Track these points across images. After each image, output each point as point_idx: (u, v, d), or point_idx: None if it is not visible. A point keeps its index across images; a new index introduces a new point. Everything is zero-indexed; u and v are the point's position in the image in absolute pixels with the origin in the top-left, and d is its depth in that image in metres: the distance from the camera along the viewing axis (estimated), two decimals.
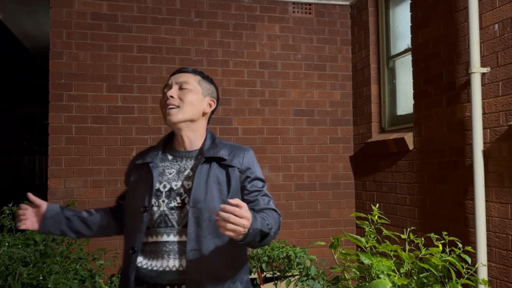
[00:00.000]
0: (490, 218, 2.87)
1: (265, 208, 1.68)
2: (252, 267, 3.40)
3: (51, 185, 3.91)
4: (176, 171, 1.73)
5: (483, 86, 2.93)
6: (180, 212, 1.67)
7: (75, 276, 3.04)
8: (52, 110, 3.94)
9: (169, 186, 1.70)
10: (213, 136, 1.83)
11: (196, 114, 1.76)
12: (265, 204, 1.70)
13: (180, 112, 1.72)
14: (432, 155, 3.43)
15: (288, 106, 4.49)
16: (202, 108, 1.79)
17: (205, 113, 1.81)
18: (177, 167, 1.74)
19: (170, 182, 1.71)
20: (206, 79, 1.85)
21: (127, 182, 1.84)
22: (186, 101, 1.73)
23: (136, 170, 1.80)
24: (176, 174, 1.73)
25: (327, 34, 4.64)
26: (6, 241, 3.13)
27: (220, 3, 4.37)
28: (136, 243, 1.66)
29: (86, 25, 4.04)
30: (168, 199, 1.69)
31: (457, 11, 3.18)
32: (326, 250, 4.27)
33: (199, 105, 1.77)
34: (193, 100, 1.75)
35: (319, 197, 4.53)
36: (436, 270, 1.91)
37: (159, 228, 1.66)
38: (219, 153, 1.73)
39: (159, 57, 4.18)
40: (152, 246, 1.66)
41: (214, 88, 1.88)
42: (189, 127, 1.76)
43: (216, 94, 1.89)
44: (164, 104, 1.74)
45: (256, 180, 1.75)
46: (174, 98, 1.73)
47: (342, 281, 2.05)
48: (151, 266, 1.65)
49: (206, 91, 1.82)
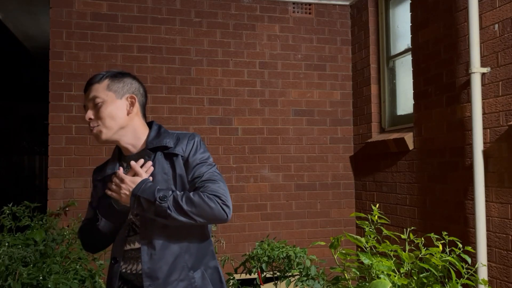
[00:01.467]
0: (490, 218, 2.87)
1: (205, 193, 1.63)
2: (252, 267, 3.40)
3: (51, 185, 3.91)
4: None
5: (483, 86, 2.93)
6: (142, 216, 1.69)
7: (75, 276, 3.04)
8: (52, 110, 3.94)
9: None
10: (159, 128, 1.80)
11: (121, 122, 1.70)
12: (206, 189, 1.63)
13: (104, 129, 1.67)
14: (432, 155, 3.43)
15: (288, 106, 4.49)
16: (124, 112, 1.71)
17: (130, 113, 1.73)
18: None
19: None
20: (115, 78, 1.73)
21: (96, 199, 1.79)
22: (104, 116, 1.67)
23: (100, 186, 1.77)
24: None
25: (327, 34, 4.64)
26: (6, 241, 3.13)
27: (220, 3, 4.37)
28: (116, 253, 1.72)
29: (86, 25, 4.03)
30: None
31: (457, 11, 3.18)
32: (326, 250, 4.27)
33: (119, 112, 1.70)
34: (111, 112, 1.68)
35: (319, 197, 4.53)
36: (436, 270, 1.91)
37: (129, 237, 1.71)
38: (163, 141, 1.71)
39: (159, 57, 4.18)
40: (129, 253, 1.71)
41: (130, 81, 1.77)
42: (122, 134, 1.72)
43: (135, 86, 1.78)
44: (88, 127, 1.72)
45: (197, 165, 1.70)
46: (93, 119, 1.68)
47: (342, 281, 2.05)
48: (130, 270, 1.70)
49: (120, 91, 1.72)
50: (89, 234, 1.78)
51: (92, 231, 1.73)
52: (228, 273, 3.50)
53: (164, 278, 1.63)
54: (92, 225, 1.72)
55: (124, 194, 1.62)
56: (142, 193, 1.59)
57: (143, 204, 1.59)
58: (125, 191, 1.62)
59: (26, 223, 3.41)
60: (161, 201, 1.56)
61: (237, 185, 4.31)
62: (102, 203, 1.72)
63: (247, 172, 4.34)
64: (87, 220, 1.80)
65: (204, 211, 1.58)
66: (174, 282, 1.64)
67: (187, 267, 1.66)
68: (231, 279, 3.46)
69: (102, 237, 1.73)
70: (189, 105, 4.22)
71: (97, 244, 1.82)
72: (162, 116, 4.14)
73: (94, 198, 1.81)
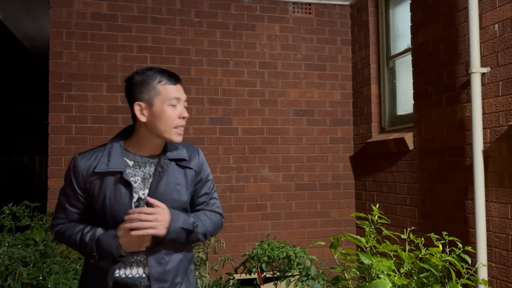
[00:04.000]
0: (490, 218, 2.87)
1: (211, 211, 1.83)
2: (252, 267, 3.40)
3: (51, 185, 3.91)
4: (141, 178, 1.68)
5: (483, 86, 2.93)
6: None
7: (75, 276, 3.04)
8: (52, 110, 3.94)
9: (137, 195, 1.66)
10: None
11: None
12: (212, 207, 1.84)
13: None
14: (432, 155, 3.43)
15: (288, 106, 4.49)
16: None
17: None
18: (141, 174, 1.68)
19: (137, 191, 1.66)
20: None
21: (87, 190, 1.66)
22: None
23: (97, 177, 1.64)
24: (141, 182, 1.68)
25: (327, 34, 4.64)
26: (6, 241, 3.13)
27: (220, 3, 4.37)
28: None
29: (86, 25, 4.03)
30: None
31: (457, 11, 3.18)
32: (326, 250, 4.27)
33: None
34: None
35: (319, 197, 4.53)
36: (436, 270, 1.91)
37: None
38: (180, 154, 1.74)
39: (159, 57, 4.18)
40: (129, 258, 1.66)
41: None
42: None
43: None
44: (176, 122, 1.67)
45: (207, 182, 1.84)
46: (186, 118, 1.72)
47: (342, 281, 2.05)
48: (125, 274, 1.65)
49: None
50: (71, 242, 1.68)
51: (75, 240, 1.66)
52: (228, 273, 3.50)
53: (171, 281, 1.67)
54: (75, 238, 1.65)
55: (162, 226, 1.58)
56: (183, 224, 1.65)
57: (179, 234, 1.64)
58: (163, 223, 1.59)
59: (26, 223, 3.42)
60: (196, 228, 1.69)
61: (237, 185, 4.31)
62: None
63: (247, 172, 4.34)
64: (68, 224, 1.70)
65: (216, 230, 1.82)
66: (177, 285, 1.70)
67: (185, 270, 1.75)
68: (231, 279, 3.46)
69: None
70: (189, 105, 4.22)
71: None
72: None
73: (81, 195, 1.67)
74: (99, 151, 1.69)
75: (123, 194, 1.63)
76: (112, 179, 1.64)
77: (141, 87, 1.65)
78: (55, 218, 1.75)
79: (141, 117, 1.65)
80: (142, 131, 1.69)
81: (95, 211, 1.67)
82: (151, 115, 1.64)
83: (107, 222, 1.64)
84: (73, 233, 1.67)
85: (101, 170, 1.63)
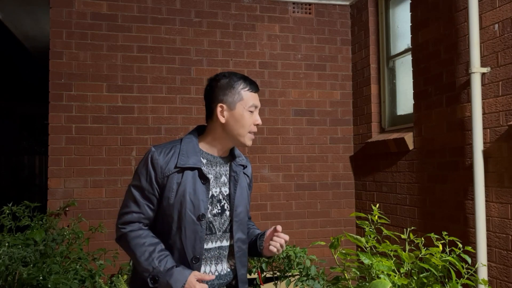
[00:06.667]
0: (490, 218, 2.87)
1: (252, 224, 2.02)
2: (252, 267, 3.40)
3: (51, 185, 3.91)
4: (213, 177, 1.74)
5: (483, 86, 2.93)
6: (220, 218, 1.73)
7: (75, 276, 3.04)
8: (52, 110, 3.94)
9: (211, 192, 1.72)
10: None
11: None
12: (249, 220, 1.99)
13: None
14: (432, 155, 3.43)
15: (288, 106, 4.49)
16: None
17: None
18: (213, 173, 1.75)
19: (210, 188, 1.73)
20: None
21: (163, 185, 1.66)
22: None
23: (177, 172, 1.66)
24: (214, 180, 1.74)
25: (327, 34, 4.64)
26: (6, 241, 3.13)
27: (220, 3, 4.36)
28: (198, 252, 1.66)
29: (86, 25, 4.03)
30: (211, 206, 1.72)
31: (457, 11, 3.18)
32: (326, 250, 4.27)
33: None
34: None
35: (319, 197, 4.53)
36: (436, 270, 1.91)
37: (206, 236, 1.70)
38: (244, 161, 1.85)
39: (159, 57, 4.18)
40: (209, 252, 1.73)
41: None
42: None
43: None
44: (251, 127, 1.77)
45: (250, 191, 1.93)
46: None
47: (342, 281, 2.05)
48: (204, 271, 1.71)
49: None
50: (136, 253, 1.62)
51: (141, 253, 1.62)
52: None
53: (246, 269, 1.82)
54: (144, 251, 1.61)
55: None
56: None
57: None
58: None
59: (26, 223, 3.42)
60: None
61: None
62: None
63: None
64: (140, 232, 1.65)
65: None
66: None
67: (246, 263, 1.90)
68: None
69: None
70: (189, 105, 4.22)
71: None
72: (162, 116, 4.14)
73: (157, 189, 1.66)
74: (175, 147, 1.71)
75: (201, 190, 1.68)
76: (191, 174, 1.67)
77: (226, 89, 1.72)
78: (126, 213, 1.68)
79: (221, 118, 1.71)
80: (218, 132, 1.75)
81: (162, 207, 1.66)
82: (231, 117, 1.72)
83: (173, 218, 1.64)
84: (143, 244, 1.62)
85: (182, 166, 1.66)
